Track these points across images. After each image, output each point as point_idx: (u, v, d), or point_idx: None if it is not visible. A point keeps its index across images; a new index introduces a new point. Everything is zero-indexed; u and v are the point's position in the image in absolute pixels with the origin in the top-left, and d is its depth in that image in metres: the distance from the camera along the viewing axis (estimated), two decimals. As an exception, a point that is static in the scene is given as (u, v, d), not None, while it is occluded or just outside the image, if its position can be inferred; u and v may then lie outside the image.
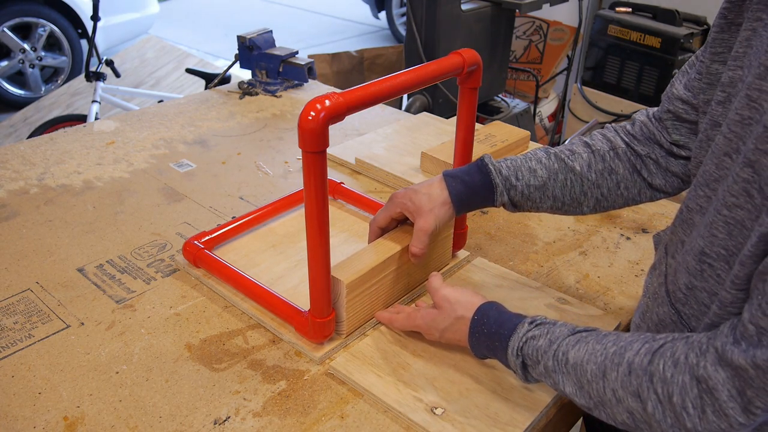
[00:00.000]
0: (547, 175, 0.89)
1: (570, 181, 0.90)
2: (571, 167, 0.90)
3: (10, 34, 4.09)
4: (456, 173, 0.92)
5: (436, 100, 2.35)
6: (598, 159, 0.90)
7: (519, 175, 0.90)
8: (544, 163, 0.90)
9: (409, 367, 0.87)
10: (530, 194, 0.90)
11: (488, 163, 0.90)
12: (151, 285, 1.04)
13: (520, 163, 0.91)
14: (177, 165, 1.41)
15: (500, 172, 0.90)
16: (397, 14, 5.72)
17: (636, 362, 0.67)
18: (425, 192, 0.91)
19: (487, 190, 0.90)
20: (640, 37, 2.47)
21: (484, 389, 0.84)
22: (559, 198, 0.91)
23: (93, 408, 0.81)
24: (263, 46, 1.80)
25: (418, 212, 0.90)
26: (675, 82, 0.85)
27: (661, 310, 0.78)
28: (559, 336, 0.74)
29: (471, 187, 0.90)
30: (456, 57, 0.89)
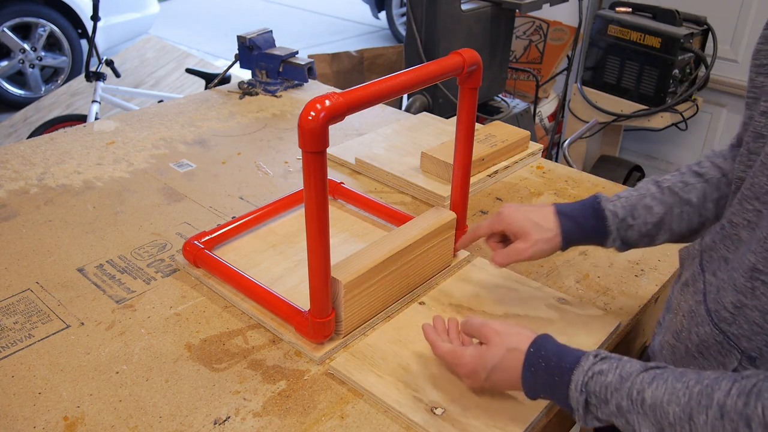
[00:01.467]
0: (664, 210, 0.88)
1: (687, 214, 0.88)
2: (686, 200, 0.87)
3: (10, 34, 4.09)
4: (570, 212, 0.90)
5: (436, 100, 2.35)
6: (712, 188, 0.87)
7: (635, 214, 0.88)
8: (659, 199, 0.88)
9: (409, 367, 0.87)
10: (647, 231, 0.88)
11: (604, 207, 0.89)
12: (151, 285, 1.04)
13: (635, 201, 0.89)
14: (177, 165, 1.41)
15: (616, 215, 0.88)
16: (397, 14, 5.72)
17: (729, 404, 0.60)
18: (537, 220, 0.90)
19: (600, 235, 0.89)
20: (640, 37, 2.46)
21: (485, 389, 0.83)
22: (677, 231, 0.89)
23: (93, 408, 0.81)
24: (263, 46, 1.80)
25: (524, 237, 0.89)
26: None
27: (701, 330, 0.74)
28: (631, 372, 0.68)
29: (584, 230, 0.89)
30: (456, 57, 0.89)
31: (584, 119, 2.73)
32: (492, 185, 1.37)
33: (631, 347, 1.07)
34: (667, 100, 2.48)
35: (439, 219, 1.02)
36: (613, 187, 1.37)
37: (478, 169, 1.35)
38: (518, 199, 1.32)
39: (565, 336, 0.92)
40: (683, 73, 2.47)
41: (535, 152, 1.47)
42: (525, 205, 0.93)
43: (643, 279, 1.09)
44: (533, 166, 1.46)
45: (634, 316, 1.01)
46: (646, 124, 2.57)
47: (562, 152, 2.59)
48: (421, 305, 0.99)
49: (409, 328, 0.94)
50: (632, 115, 2.56)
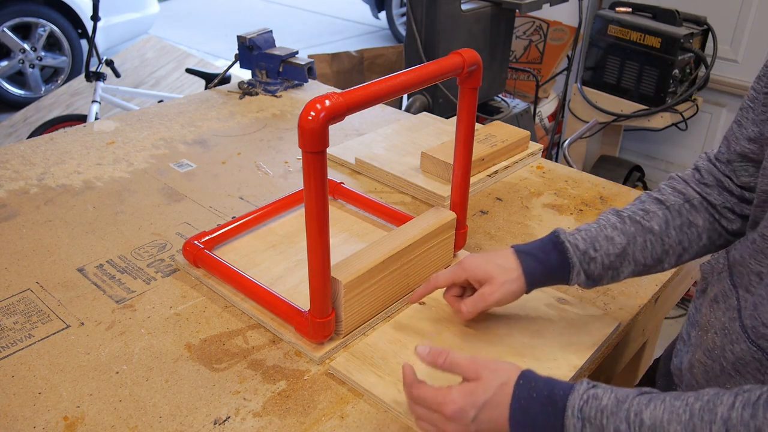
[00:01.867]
0: (626, 240, 0.85)
1: (650, 243, 0.86)
2: (648, 228, 0.86)
3: (10, 34, 4.09)
4: (529, 250, 0.88)
5: (436, 100, 2.35)
6: (674, 215, 0.86)
7: (596, 245, 0.85)
8: (620, 229, 0.86)
9: None
10: (611, 263, 0.86)
11: (564, 240, 0.86)
12: (151, 285, 1.04)
13: (595, 233, 0.86)
14: (177, 165, 1.41)
15: (577, 247, 0.86)
16: (397, 14, 5.72)
17: (734, 417, 0.58)
18: (499, 263, 0.87)
19: (563, 270, 0.86)
20: (640, 37, 2.46)
21: None
22: (641, 261, 0.87)
23: (93, 408, 0.81)
24: (263, 46, 1.80)
25: (489, 281, 0.87)
26: (741, 121, 0.81)
27: (737, 347, 0.72)
28: (627, 395, 0.65)
29: (546, 266, 0.86)
30: (456, 57, 0.89)
31: (584, 119, 2.73)
32: (492, 185, 1.37)
33: (631, 347, 1.07)
34: (667, 100, 2.48)
35: (439, 219, 1.02)
36: (613, 186, 1.37)
37: (478, 169, 1.35)
38: (518, 200, 1.32)
39: (565, 336, 0.93)
40: (683, 73, 2.47)
41: (535, 152, 1.47)
42: (484, 253, 0.91)
43: (643, 279, 1.09)
44: (533, 166, 1.46)
45: (634, 316, 1.01)
46: (646, 124, 2.57)
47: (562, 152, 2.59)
48: (421, 305, 0.99)
49: (409, 328, 0.94)
50: (632, 115, 2.56)
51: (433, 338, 0.92)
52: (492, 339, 0.92)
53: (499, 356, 0.89)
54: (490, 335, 0.93)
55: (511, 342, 0.92)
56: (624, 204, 1.29)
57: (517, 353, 0.90)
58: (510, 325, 0.95)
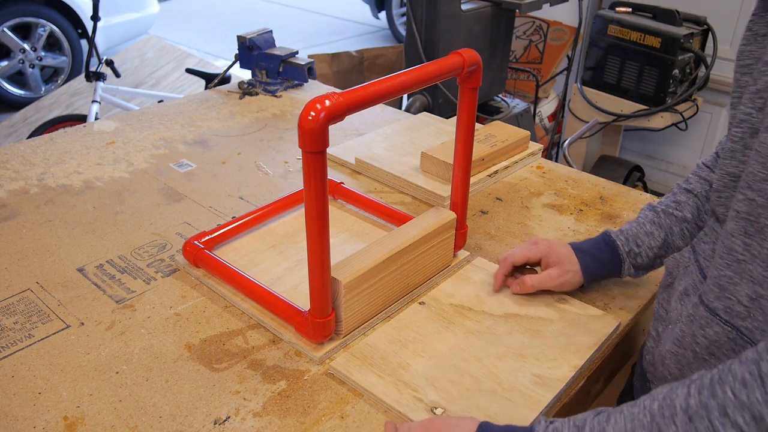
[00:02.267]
0: (664, 233, 0.95)
1: (687, 230, 0.94)
2: (682, 218, 0.94)
3: (10, 34, 4.09)
4: (585, 247, 0.99)
5: (436, 100, 2.35)
6: (703, 201, 0.94)
7: (638, 242, 0.96)
8: (657, 223, 0.96)
9: (408, 367, 0.87)
10: (655, 255, 0.96)
11: (615, 238, 0.98)
12: (151, 285, 1.04)
13: (636, 231, 0.97)
14: (177, 165, 1.41)
15: (626, 243, 0.97)
16: (397, 14, 5.72)
17: (692, 404, 0.58)
18: (567, 253, 0.98)
19: (615, 265, 0.98)
20: (640, 37, 2.46)
21: (485, 389, 0.84)
22: (682, 246, 0.95)
23: (93, 408, 0.81)
24: (263, 46, 1.80)
25: (559, 264, 0.98)
26: None
27: (709, 331, 0.74)
28: (585, 419, 0.66)
29: (601, 262, 0.98)
30: (456, 57, 0.89)
31: (584, 119, 2.73)
32: (492, 185, 1.37)
33: (631, 347, 1.07)
34: (667, 100, 2.48)
35: (439, 219, 1.02)
36: (613, 186, 1.37)
37: (478, 169, 1.35)
38: (518, 200, 1.32)
39: (565, 336, 0.93)
40: (683, 73, 2.47)
41: (535, 152, 1.47)
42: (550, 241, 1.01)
43: (643, 279, 1.09)
44: (533, 166, 1.46)
45: (634, 316, 1.01)
46: (646, 124, 2.57)
47: (562, 152, 2.59)
48: (421, 305, 0.99)
49: (409, 328, 0.94)
50: (632, 115, 2.56)
51: (433, 338, 0.92)
52: (492, 339, 0.92)
53: (499, 356, 0.89)
54: (489, 335, 0.93)
55: (510, 342, 0.92)
56: (624, 204, 1.30)
57: (516, 353, 0.90)
58: (510, 324, 0.95)
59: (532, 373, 0.87)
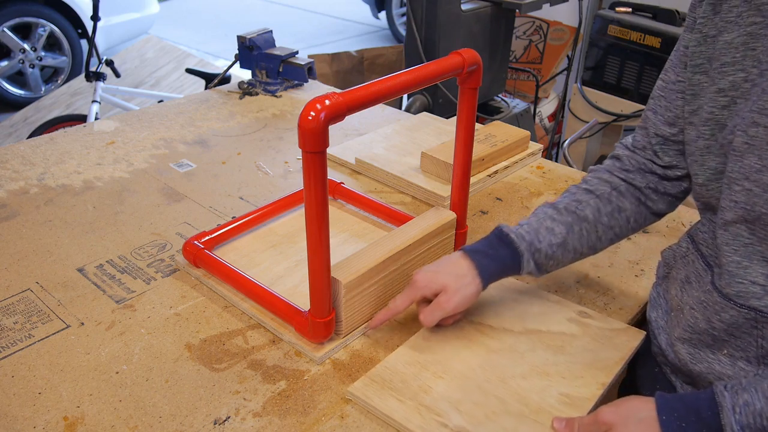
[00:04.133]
0: (565, 230, 0.91)
1: (586, 231, 0.92)
2: (583, 217, 0.92)
3: (10, 34, 4.09)
4: (478, 248, 0.91)
5: (436, 100, 2.35)
6: (605, 202, 0.93)
7: (540, 237, 0.91)
8: (558, 220, 0.92)
9: (430, 390, 0.83)
10: (553, 253, 0.91)
11: (508, 233, 0.91)
12: (151, 285, 1.04)
13: (537, 226, 0.92)
14: (177, 165, 1.41)
15: (523, 238, 0.90)
16: (397, 14, 5.71)
17: None
18: (450, 271, 0.89)
19: (514, 261, 0.91)
20: (640, 37, 2.46)
21: (512, 412, 0.80)
22: (579, 249, 0.93)
23: (93, 408, 0.81)
24: (263, 46, 1.80)
25: (444, 291, 0.88)
26: (654, 108, 0.89)
27: (726, 315, 0.77)
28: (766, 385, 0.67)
29: (498, 261, 0.90)
30: (456, 57, 0.89)
31: (584, 119, 2.73)
32: (492, 185, 1.37)
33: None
34: (667, 100, 2.47)
35: (439, 219, 1.02)
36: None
37: (478, 169, 1.35)
38: (518, 200, 1.32)
39: (590, 352, 0.89)
40: (683, 73, 2.47)
41: (535, 152, 1.47)
42: (434, 264, 0.92)
43: (643, 279, 1.09)
44: (533, 166, 1.46)
45: (633, 316, 1.01)
46: (646, 124, 2.56)
47: (562, 152, 2.59)
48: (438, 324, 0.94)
49: (428, 348, 0.90)
50: (632, 115, 2.56)
51: (453, 358, 0.89)
52: (514, 357, 0.89)
53: (523, 375, 0.86)
54: (512, 353, 0.90)
55: (534, 360, 0.88)
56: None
57: (541, 372, 0.86)
58: (532, 341, 0.92)
59: (559, 393, 0.83)
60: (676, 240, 1.03)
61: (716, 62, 0.77)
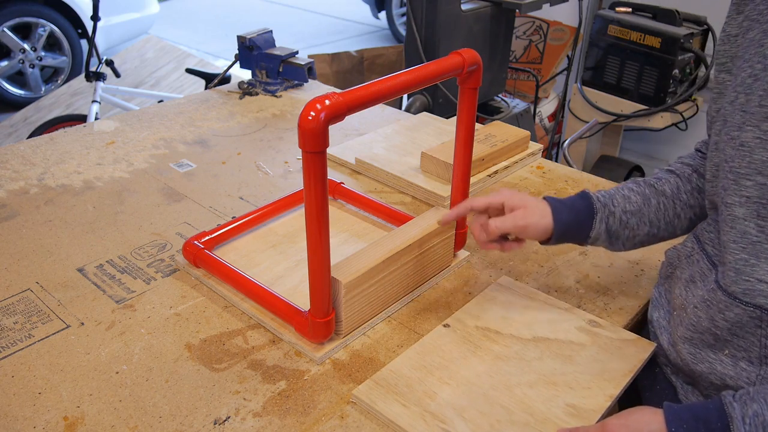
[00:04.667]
0: (642, 200, 0.93)
1: (663, 205, 0.93)
2: (661, 191, 0.93)
3: (10, 34, 4.09)
4: (559, 198, 0.94)
5: (436, 100, 2.35)
6: (684, 181, 0.94)
7: (615, 202, 0.93)
8: (635, 190, 0.93)
9: (435, 396, 0.82)
10: (627, 220, 0.93)
11: (589, 192, 0.94)
12: (151, 285, 1.04)
13: (613, 192, 0.94)
14: (177, 165, 1.41)
15: (598, 199, 0.93)
16: (397, 14, 5.72)
17: None
18: (534, 201, 0.92)
19: (588, 216, 0.92)
20: (640, 37, 2.46)
21: (517, 421, 0.79)
22: (655, 222, 0.93)
23: (93, 408, 0.81)
24: (263, 46, 1.80)
25: (524, 206, 0.91)
26: None
27: (730, 314, 0.77)
28: None
29: (574, 212, 0.92)
30: (456, 57, 0.89)
31: (584, 119, 2.73)
32: (492, 185, 1.37)
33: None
34: (667, 100, 2.48)
35: (439, 219, 1.02)
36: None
37: (478, 169, 1.35)
38: (518, 199, 1.32)
39: (599, 362, 0.89)
40: (683, 73, 2.47)
41: (535, 152, 1.47)
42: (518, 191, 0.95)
43: (643, 279, 1.09)
44: (533, 166, 1.46)
45: (634, 316, 1.01)
46: (646, 124, 2.57)
47: (562, 152, 2.59)
48: (445, 327, 0.95)
49: (434, 353, 0.89)
50: (632, 115, 2.56)
51: (459, 364, 0.88)
52: (521, 365, 0.88)
53: (530, 384, 0.85)
54: (519, 361, 0.89)
55: (541, 368, 0.87)
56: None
57: (548, 381, 0.85)
58: (540, 349, 0.91)
59: (566, 403, 0.82)
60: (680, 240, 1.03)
61: (739, 60, 0.77)
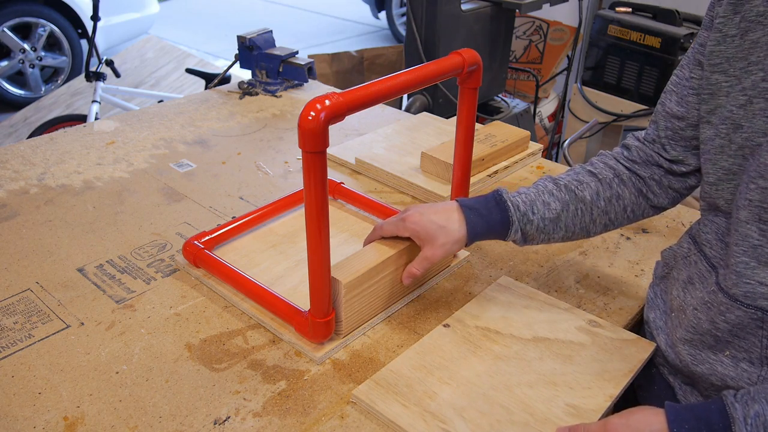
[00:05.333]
0: (561, 207, 0.92)
1: (581, 211, 0.93)
2: (581, 197, 0.93)
3: (10, 34, 4.09)
4: (473, 205, 0.92)
5: (436, 100, 2.35)
6: (605, 187, 0.94)
7: (534, 209, 0.92)
8: (556, 196, 0.93)
9: (435, 396, 0.82)
10: (545, 227, 0.92)
11: (506, 198, 0.92)
12: (151, 285, 1.04)
13: (534, 197, 0.93)
14: (177, 165, 1.41)
15: (518, 208, 0.91)
16: (397, 14, 5.72)
17: None
18: (442, 224, 0.91)
19: (503, 227, 0.92)
20: (640, 37, 2.46)
21: (517, 421, 0.79)
22: (570, 228, 0.93)
23: (93, 408, 0.81)
24: (263, 46, 1.80)
25: (430, 243, 0.91)
26: (665, 102, 0.90)
27: (731, 316, 0.77)
28: None
29: (488, 223, 0.92)
30: (456, 57, 0.89)
31: (584, 119, 2.73)
32: (492, 185, 1.37)
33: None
34: (667, 100, 2.48)
35: None
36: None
37: (478, 169, 1.35)
38: (518, 199, 1.31)
39: (599, 363, 0.89)
40: (683, 73, 2.47)
41: (535, 152, 1.47)
42: (428, 206, 0.93)
43: (643, 279, 1.09)
44: (533, 166, 1.46)
45: (633, 316, 1.01)
46: (646, 124, 2.56)
47: (562, 152, 2.59)
48: (445, 328, 0.94)
49: (434, 352, 0.89)
50: (632, 115, 2.56)
51: (459, 364, 0.88)
52: (522, 365, 0.88)
53: (530, 384, 0.85)
54: (519, 361, 0.89)
55: (541, 368, 0.87)
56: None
57: (548, 381, 0.85)
58: (540, 349, 0.91)
59: (566, 403, 0.82)
60: (676, 240, 1.03)
61: (742, 61, 0.76)
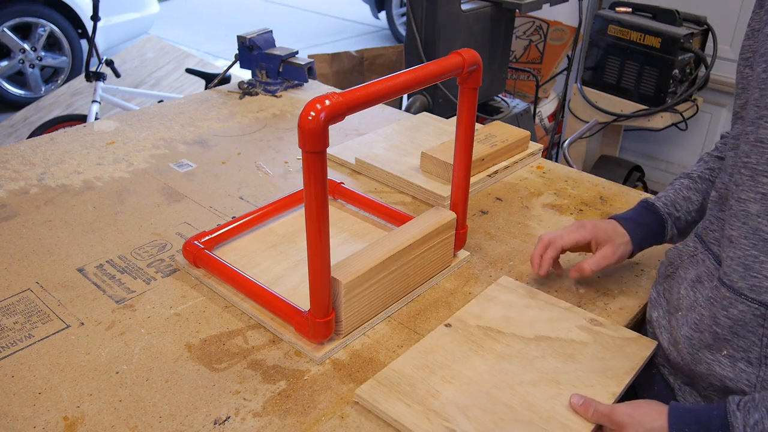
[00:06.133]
0: (702, 197, 0.99)
1: None
2: None
3: (10, 34, 4.09)
4: (629, 216, 1.02)
5: (436, 100, 2.35)
6: None
7: (677, 206, 1.00)
8: (694, 188, 1.00)
9: (438, 395, 0.83)
10: (693, 219, 0.99)
11: (654, 202, 1.01)
12: (151, 285, 1.04)
13: (674, 197, 1.01)
14: (177, 165, 1.41)
15: (666, 205, 1.00)
16: (397, 14, 5.72)
17: None
18: (612, 228, 1.00)
19: (660, 227, 1.00)
20: (640, 37, 2.46)
21: (520, 419, 0.79)
22: None
23: (93, 408, 0.81)
24: (263, 46, 1.80)
25: (610, 242, 0.99)
26: None
27: (733, 311, 0.78)
28: None
29: (647, 228, 1.00)
30: (456, 57, 0.89)
31: (584, 119, 2.73)
32: (492, 185, 1.37)
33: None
34: (667, 100, 2.48)
35: (439, 219, 1.02)
36: (613, 186, 1.37)
37: (478, 169, 1.35)
38: (518, 200, 1.32)
39: (600, 361, 0.89)
40: (683, 73, 2.47)
41: (535, 152, 1.47)
42: (590, 221, 1.02)
43: (643, 279, 1.09)
44: (533, 166, 1.46)
45: (634, 315, 1.01)
46: (646, 124, 2.57)
47: (562, 152, 2.59)
48: (447, 327, 0.95)
49: (437, 352, 0.90)
50: (632, 115, 2.56)
51: (462, 363, 0.88)
52: (524, 364, 0.88)
53: (533, 382, 0.85)
54: (521, 359, 0.89)
55: (544, 367, 0.88)
56: (624, 204, 1.30)
57: (551, 379, 0.86)
58: (542, 348, 0.91)
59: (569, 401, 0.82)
60: None
61: (759, 55, 0.78)
